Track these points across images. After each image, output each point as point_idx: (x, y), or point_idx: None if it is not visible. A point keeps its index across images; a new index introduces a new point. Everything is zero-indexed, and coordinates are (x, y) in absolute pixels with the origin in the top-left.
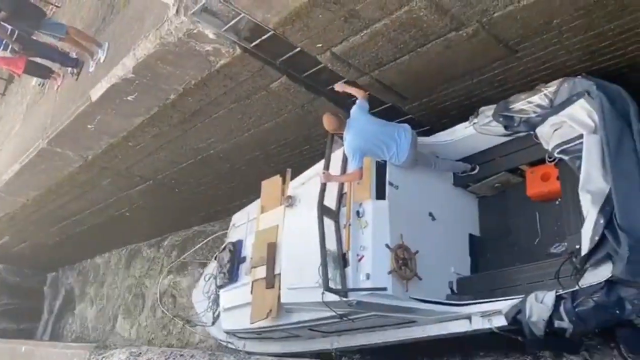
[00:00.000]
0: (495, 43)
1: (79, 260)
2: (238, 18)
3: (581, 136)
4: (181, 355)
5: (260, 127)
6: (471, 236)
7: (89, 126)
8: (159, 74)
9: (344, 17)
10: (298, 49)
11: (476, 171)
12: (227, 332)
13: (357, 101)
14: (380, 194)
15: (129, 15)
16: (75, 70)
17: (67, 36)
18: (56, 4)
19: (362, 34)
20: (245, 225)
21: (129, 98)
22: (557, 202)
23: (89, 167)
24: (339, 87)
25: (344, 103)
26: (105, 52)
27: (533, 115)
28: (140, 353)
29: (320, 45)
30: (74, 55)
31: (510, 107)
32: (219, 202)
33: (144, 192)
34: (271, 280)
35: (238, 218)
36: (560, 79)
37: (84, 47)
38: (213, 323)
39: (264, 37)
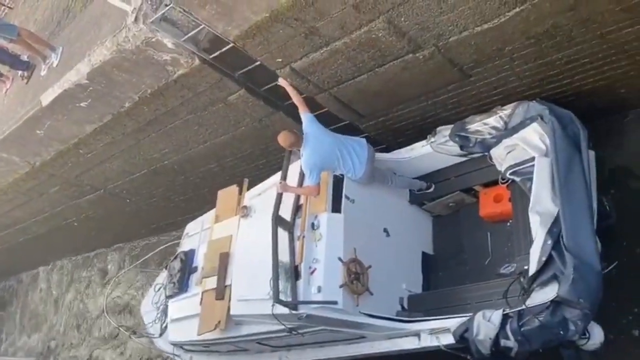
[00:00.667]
0: (450, 67)
1: (23, 270)
2: (198, 29)
3: (533, 159)
4: None
5: (217, 140)
6: (424, 254)
7: (37, 131)
8: (114, 81)
9: (304, 33)
10: (258, 62)
11: (432, 190)
12: (174, 344)
13: (306, 116)
14: (336, 207)
15: (86, 20)
16: (25, 74)
17: (19, 38)
18: (9, 5)
19: (321, 51)
20: (199, 235)
21: (81, 104)
22: (508, 224)
23: (36, 174)
24: (281, 81)
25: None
26: (58, 56)
27: (488, 136)
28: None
29: (280, 60)
30: (25, 58)
31: (467, 127)
32: (172, 214)
33: (94, 201)
34: (221, 291)
35: (192, 227)
36: (516, 103)
37: (36, 50)
38: (160, 335)
39: (223, 50)
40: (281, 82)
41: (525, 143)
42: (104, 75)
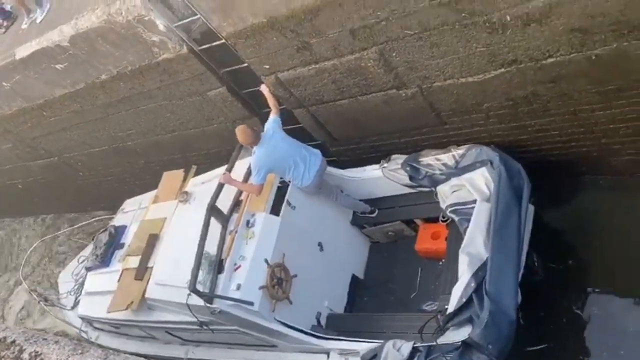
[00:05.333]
0: (429, 110)
1: None
2: (193, 18)
3: (475, 201)
4: (44, 339)
5: (186, 131)
6: (354, 276)
7: (4, 83)
8: (96, 50)
9: (297, 46)
10: (245, 64)
11: (375, 214)
12: (83, 319)
13: (272, 117)
14: (276, 210)
15: None
16: (5, 23)
17: None
18: None
19: (310, 68)
20: (134, 213)
21: (57, 66)
22: (440, 263)
23: None
24: (264, 88)
25: None
26: (44, 13)
27: (438, 172)
28: None
29: (267, 66)
30: (8, 7)
31: (420, 159)
32: (124, 196)
33: (46, 167)
34: (142, 272)
35: (129, 204)
36: (470, 145)
37: (22, 1)
38: (72, 307)
39: (214, 44)
40: (263, 88)
41: (471, 185)
42: (87, 42)
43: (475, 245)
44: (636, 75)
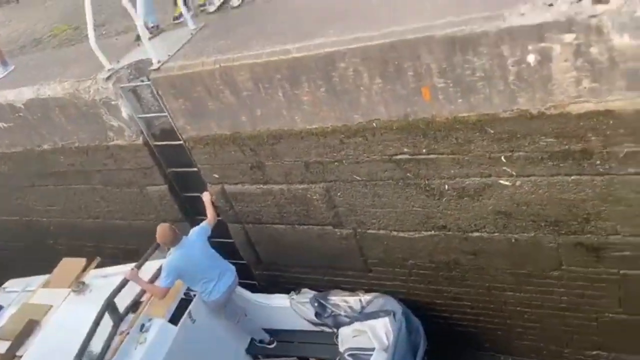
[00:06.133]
0: (358, 254)
1: None
2: (159, 114)
3: (373, 349)
4: None
5: (111, 221)
6: None
7: None
8: (49, 119)
9: (252, 164)
10: (195, 169)
11: (273, 345)
12: None
13: (204, 224)
14: (175, 319)
15: (54, 58)
16: None
17: None
18: None
19: (258, 186)
20: (17, 294)
21: (0, 124)
22: None
23: None
24: (206, 195)
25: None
26: (7, 71)
27: (343, 313)
28: None
29: (217, 176)
30: None
31: (328, 297)
32: (10, 273)
33: None
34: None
35: (12, 283)
36: (378, 294)
37: None
38: None
39: (171, 143)
40: (205, 195)
41: (372, 333)
42: (43, 108)
43: None
44: (544, 265)
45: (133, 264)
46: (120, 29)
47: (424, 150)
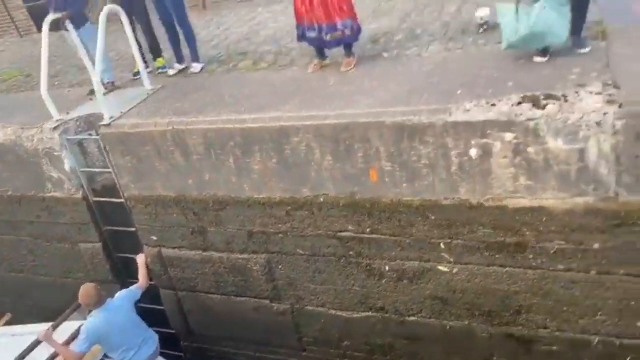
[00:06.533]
0: (294, 331)
1: None
2: (103, 170)
3: None
4: None
5: (36, 277)
6: None
7: None
8: None
9: (193, 229)
10: (134, 229)
11: None
12: None
13: (133, 288)
14: None
15: (2, 103)
16: None
17: None
18: None
19: (197, 253)
20: None
21: None
22: None
23: None
24: (141, 258)
25: None
26: None
27: None
28: None
29: (155, 238)
30: None
31: None
32: None
33: None
34: None
35: None
36: None
37: None
38: None
39: (111, 200)
40: (140, 258)
41: None
42: None
43: None
44: (476, 355)
45: (50, 324)
46: (74, 81)
47: (367, 230)
